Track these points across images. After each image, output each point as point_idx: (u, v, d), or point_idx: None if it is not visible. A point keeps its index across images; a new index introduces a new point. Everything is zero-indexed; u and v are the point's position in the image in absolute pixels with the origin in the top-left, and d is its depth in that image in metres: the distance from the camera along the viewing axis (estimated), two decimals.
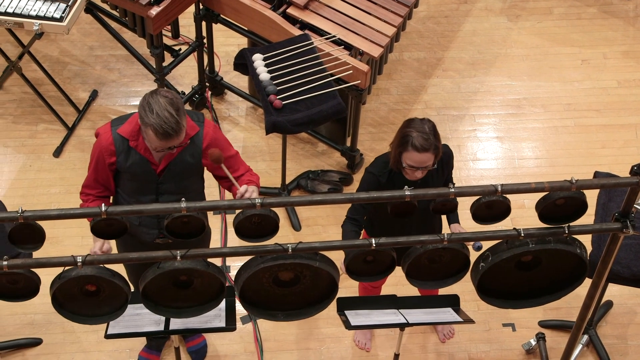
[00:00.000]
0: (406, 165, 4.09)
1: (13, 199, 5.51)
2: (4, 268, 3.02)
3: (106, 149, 3.95)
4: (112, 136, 3.95)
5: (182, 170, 4.03)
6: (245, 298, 3.35)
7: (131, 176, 4.02)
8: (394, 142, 4.17)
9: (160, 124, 3.69)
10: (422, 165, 4.07)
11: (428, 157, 4.05)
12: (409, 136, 4.05)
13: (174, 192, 4.07)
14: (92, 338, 5.07)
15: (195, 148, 4.00)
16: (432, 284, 3.44)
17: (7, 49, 6.00)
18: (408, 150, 4.05)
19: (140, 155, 3.95)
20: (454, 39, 6.63)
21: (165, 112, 3.69)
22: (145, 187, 4.06)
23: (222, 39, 6.29)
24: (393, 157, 4.17)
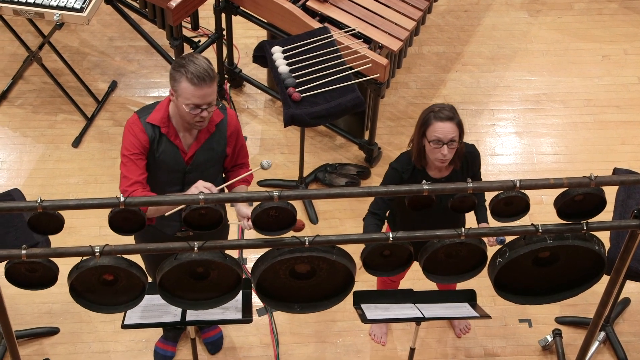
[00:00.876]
0: (432, 141, 4.03)
1: (32, 189, 5.53)
2: (22, 257, 3.04)
3: (143, 138, 3.95)
4: (143, 126, 3.96)
5: (209, 158, 4.05)
6: (262, 290, 3.35)
7: (161, 166, 4.03)
8: (414, 134, 4.15)
9: (197, 69, 3.74)
10: (447, 137, 4.01)
11: (452, 128, 4.01)
12: (430, 112, 4.04)
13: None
14: (108, 328, 5.09)
15: (221, 135, 4.03)
16: (448, 278, 3.43)
17: (28, 39, 6.03)
18: (432, 124, 4.02)
19: (170, 143, 3.97)
20: (474, 33, 6.60)
21: (201, 61, 3.77)
22: (172, 177, 4.07)
23: (241, 31, 6.30)
24: (415, 148, 4.14)
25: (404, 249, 3.27)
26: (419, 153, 4.13)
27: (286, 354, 5.05)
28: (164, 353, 4.99)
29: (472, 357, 5.07)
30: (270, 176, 5.71)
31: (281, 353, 5.05)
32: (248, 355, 5.04)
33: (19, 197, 4.60)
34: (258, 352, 5.06)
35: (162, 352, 4.99)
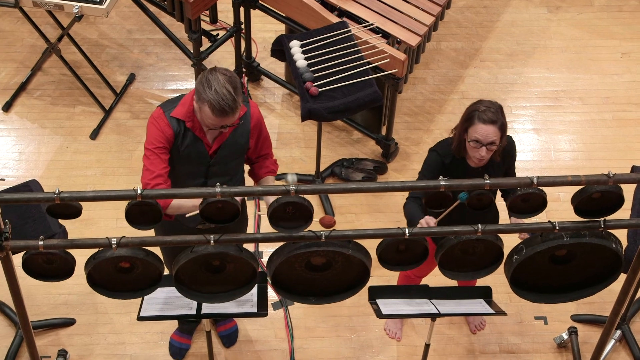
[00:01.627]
0: (471, 140, 4.02)
1: (49, 180, 5.55)
2: (40, 248, 3.05)
3: (168, 132, 3.96)
4: (168, 120, 3.96)
5: (233, 151, 4.06)
6: (278, 283, 3.36)
7: (185, 159, 4.03)
8: (457, 124, 4.13)
9: (218, 100, 3.71)
10: (487, 140, 4.00)
11: (494, 131, 4.00)
12: (475, 111, 4.01)
13: (221, 174, 4.10)
14: (124, 320, 5.11)
15: (245, 128, 4.03)
16: (464, 275, 3.42)
17: (47, 30, 6.05)
18: (474, 124, 4.00)
19: (195, 136, 3.98)
20: (493, 29, 6.58)
21: (224, 89, 3.72)
22: (196, 170, 4.08)
23: (259, 24, 6.29)
24: (456, 139, 4.12)
25: (419, 244, 3.27)
26: (459, 145, 4.12)
27: (301, 348, 5.05)
28: (179, 345, 5.00)
29: (487, 353, 5.06)
30: (287, 170, 5.71)
31: (296, 347, 5.06)
32: (263, 349, 5.05)
33: (37, 188, 4.61)
34: (273, 345, 5.07)
35: (177, 345, 5.00)
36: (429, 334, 4.35)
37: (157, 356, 4.99)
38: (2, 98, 6.00)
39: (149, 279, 3.31)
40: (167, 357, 4.99)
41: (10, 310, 5.06)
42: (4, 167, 5.69)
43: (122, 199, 3.01)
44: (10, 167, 5.71)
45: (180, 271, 3.24)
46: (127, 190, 3.01)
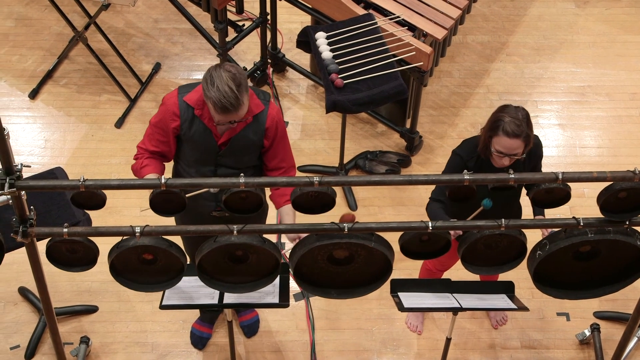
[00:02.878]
0: (494, 151, 4.02)
1: (74, 167, 5.58)
2: (64, 235, 3.07)
3: (170, 112, 3.97)
4: (178, 102, 3.97)
5: (244, 147, 4.04)
6: (299, 275, 3.36)
7: (193, 145, 4.04)
8: (484, 127, 4.11)
9: (220, 98, 3.71)
10: (510, 152, 4.00)
11: (518, 144, 3.98)
12: (501, 121, 3.99)
13: (232, 166, 4.09)
14: (146, 308, 5.14)
15: (259, 126, 4.01)
16: (487, 269, 3.41)
17: (74, 19, 6.07)
18: (498, 135, 3.98)
19: (204, 125, 3.97)
20: (520, 23, 6.55)
21: (226, 87, 3.71)
22: (205, 158, 4.08)
23: (285, 16, 6.29)
24: (482, 141, 4.10)
25: (442, 237, 3.26)
26: (485, 146, 4.09)
27: (322, 340, 5.06)
28: (200, 334, 5.02)
29: (508, 349, 5.05)
30: (310, 162, 5.71)
31: (317, 339, 5.07)
32: (284, 340, 5.06)
33: (62, 176, 4.64)
34: (294, 336, 5.07)
35: (198, 334, 5.02)
36: (451, 328, 4.35)
37: (179, 345, 5.01)
38: (28, 85, 6.04)
39: (171, 271, 3.32)
40: (188, 346, 5.01)
41: (34, 297, 5.10)
42: (29, 155, 5.72)
43: (146, 188, 3.02)
44: (35, 154, 5.74)
45: (204, 261, 3.25)
46: (151, 179, 3.02)
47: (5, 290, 5.16)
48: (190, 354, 5.00)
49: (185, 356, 4.99)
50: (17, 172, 2.97)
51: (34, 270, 3.31)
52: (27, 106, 5.98)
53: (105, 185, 3.02)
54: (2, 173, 2.96)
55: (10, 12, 6.43)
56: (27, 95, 6.00)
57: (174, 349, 5.00)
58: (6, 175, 2.96)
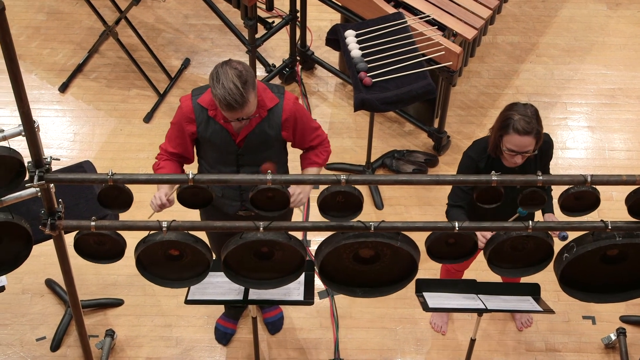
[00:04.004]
0: (506, 149, 4.01)
1: (102, 161, 5.61)
2: (91, 228, 3.09)
3: (186, 117, 3.99)
4: (192, 105, 3.98)
5: (262, 142, 4.03)
6: (325, 273, 3.36)
7: (212, 146, 4.05)
8: (494, 126, 4.10)
9: (224, 96, 3.70)
10: (522, 150, 3.99)
11: (529, 142, 3.98)
12: (510, 119, 3.98)
13: (254, 163, 4.08)
14: (172, 302, 5.16)
15: (275, 119, 4.00)
16: (513, 271, 3.39)
17: (105, 13, 6.10)
18: (509, 134, 3.97)
19: (219, 125, 3.98)
20: (550, 24, 6.51)
21: (231, 84, 3.70)
22: (226, 157, 4.08)
23: (315, 13, 6.29)
24: (492, 141, 4.09)
25: (469, 239, 3.25)
26: (495, 145, 4.09)
27: (346, 338, 5.06)
28: (225, 330, 5.03)
29: (532, 351, 5.02)
30: (337, 160, 5.71)
31: (341, 337, 5.06)
32: (307, 337, 5.06)
33: (90, 169, 4.66)
34: (317, 334, 5.08)
35: (222, 329, 5.04)
36: (475, 329, 4.33)
37: (203, 340, 5.03)
38: (59, 79, 6.08)
39: (198, 267, 3.33)
40: (212, 342, 5.03)
41: (61, 289, 5.13)
42: (58, 148, 5.76)
43: (174, 183, 3.04)
44: (64, 147, 5.78)
45: (229, 256, 3.26)
46: (179, 175, 3.04)
47: (32, 282, 5.20)
48: (214, 349, 5.01)
49: (210, 351, 5.00)
50: (47, 165, 2.99)
51: (61, 262, 3.33)
52: (57, 99, 6.02)
53: (133, 179, 3.04)
54: (32, 165, 2.98)
55: (42, 6, 6.47)
56: (57, 89, 6.04)
57: (198, 344, 5.02)
58: (35, 167, 2.98)
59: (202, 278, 3.36)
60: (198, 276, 3.36)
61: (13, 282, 5.12)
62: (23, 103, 2.80)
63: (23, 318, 5.08)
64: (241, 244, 3.18)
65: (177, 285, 3.39)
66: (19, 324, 5.05)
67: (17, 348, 4.97)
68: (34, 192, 3.77)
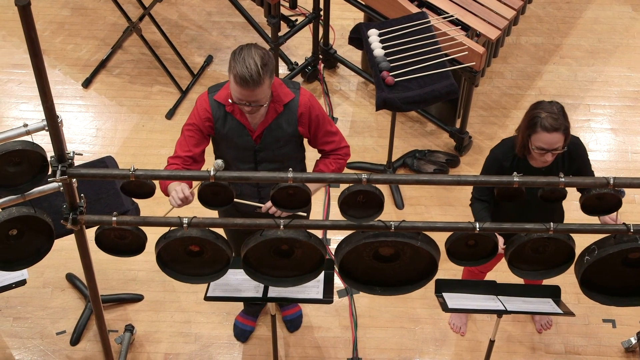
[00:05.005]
0: (535, 148, 3.98)
1: (124, 157, 5.64)
2: (113, 224, 3.10)
3: (203, 115, 3.99)
4: (209, 102, 3.99)
5: (279, 138, 4.03)
6: (344, 271, 3.36)
7: (229, 143, 4.05)
8: (521, 126, 4.07)
9: (242, 70, 3.69)
10: (551, 147, 3.96)
11: (558, 138, 3.95)
12: (537, 117, 3.95)
13: (272, 160, 4.09)
14: (191, 298, 5.17)
15: (291, 115, 3.99)
16: (534, 274, 3.38)
17: (129, 9, 6.13)
18: (537, 132, 3.95)
19: (237, 121, 3.98)
20: (574, 25, 6.48)
21: (251, 60, 3.70)
22: (243, 154, 4.08)
23: (338, 12, 6.29)
24: (520, 141, 4.06)
25: (489, 240, 3.24)
26: (523, 146, 4.07)
27: (364, 337, 5.06)
28: (244, 327, 5.04)
29: (552, 353, 5.00)
30: (358, 159, 5.71)
31: (359, 336, 5.06)
32: (326, 336, 5.07)
33: (112, 165, 4.69)
34: (336, 333, 5.08)
35: (241, 326, 5.05)
36: (494, 330, 4.32)
37: (222, 336, 5.04)
38: (82, 74, 6.10)
39: (217, 264, 3.34)
40: (231, 338, 5.04)
41: (81, 283, 5.15)
42: (81, 143, 5.79)
43: (195, 179, 3.05)
44: (87, 142, 5.81)
45: (249, 254, 3.26)
46: (200, 171, 3.04)
47: (53, 276, 5.22)
48: (232, 346, 5.02)
49: (228, 348, 5.01)
50: (69, 160, 3.00)
51: (82, 257, 3.35)
52: (80, 95, 6.04)
53: (155, 175, 3.05)
54: (55, 160, 3.00)
55: (67, 2, 6.50)
56: (80, 84, 6.07)
57: (216, 340, 5.03)
58: (58, 162, 2.99)
59: (222, 274, 3.37)
60: (218, 272, 3.37)
61: (34, 276, 5.15)
62: (47, 98, 2.82)
63: (43, 312, 5.11)
64: (261, 242, 3.19)
65: (197, 281, 3.40)
66: (40, 318, 5.08)
67: (38, 341, 5.00)
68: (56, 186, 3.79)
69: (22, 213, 3.13)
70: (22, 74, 6.12)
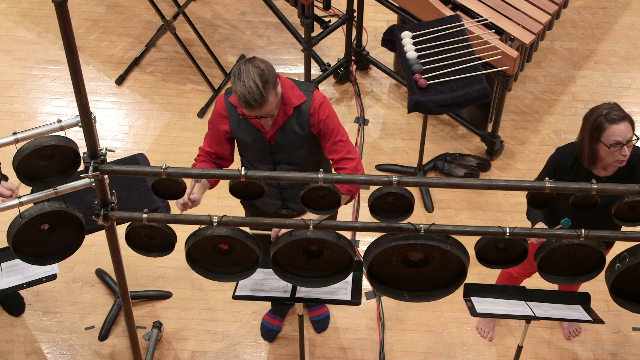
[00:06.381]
0: (611, 145, 3.90)
1: (155, 155, 5.66)
2: (143, 220, 3.12)
3: (219, 116, 4.03)
4: (225, 103, 4.01)
5: (292, 140, 4.02)
6: (373, 274, 3.36)
7: (246, 144, 4.07)
8: (584, 136, 3.99)
9: (244, 93, 3.69)
10: (626, 138, 3.89)
11: (628, 127, 3.90)
12: (600, 116, 3.92)
13: (289, 162, 4.09)
14: (219, 297, 5.18)
15: (303, 117, 3.98)
16: (563, 279, 3.36)
17: (163, 8, 6.16)
18: (606, 128, 3.90)
19: (250, 123, 3.99)
20: (610, 31, 6.43)
21: (252, 83, 3.68)
22: (261, 155, 4.09)
23: (372, 13, 6.29)
24: (587, 151, 3.99)
25: (519, 245, 3.22)
26: (592, 156, 4.00)
27: (391, 340, 5.05)
28: (271, 327, 5.05)
29: None
30: (389, 161, 5.70)
31: (386, 338, 5.05)
32: (353, 337, 5.06)
33: (144, 162, 4.71)
34: (363, 334, 5.07)
35: (268, 326, 5.05)
36: (523, 336, 4.29)
37: (249, 336, 5.05)
38: (116, 72, 6.14)
39: (247, 262, 3.35)
40: (258, 338, 5.05)
41: (110, 279, 5.18)
42: (113, 139, 5.83)
43: (226, 178, 3.05)
44: (119, 139, 5.84)
45: (278, 254, 3.27)
46: (231, 170, 3.05)
47: (83, 272, 5.26)
48: (259, 345, 5.03)
49: (255, 347, 5.02)
50: (102, 157, 3.02)
51: (112, 253, 3.37)
52: (113, 92, 6.08)
53: (186, 173, 3.06)
54: (87, 156, 3.01)
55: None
56: (113, 81, 6.11)
57: (243, 339, 5.04)
58: (91, 158, 3.01)
59: (251, 273, 3.37)
60: (246, 271, 3.37)
61: (64, 271, 5.19)
62: (81, 94, 2.83)
63: (73, 307, 5.14)
64: (291, 242, 3.19)
65: (226, 279, 3.41)
66: (69, 312, 5.12)
67: (66, 336, 5.03)
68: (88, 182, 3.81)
69: (54, 208, 3.16)
70: (56, 70, 6.16)
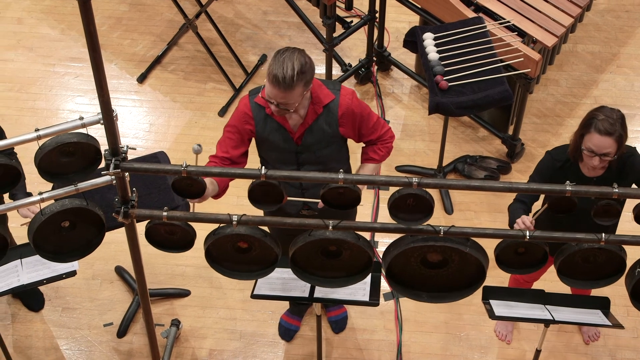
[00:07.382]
0: (585, 149, 3.96)
1: (176, 153, 5.68)
2: (163, 218, 3.12)
3: (244, 117, 4.01)
4: (250, 104, 4.00)
5: (320, 139, 4.02)
6: (391, 275, 3.35)
7: (271, 145, 4.06)
8: (578, 127, 4.06)
9: (278, 69, 3.69)
10: (601, 151, 3.92)
11: (609, 144, 3.91)
12: (594, 118, 3.93)
13: (314, 162, 4.08)
14: (237, 296, 5.19)
15: (332, 116, 3.98)
16: (583, 283, 3.34)
17: (186, 7, 6.17)
18: (590, 132, 3.93)
19: (277, 123, 3.99)
20: (633, 34, 6.39)
21: (290, 64, 3.69)
22: (285, 156, 4.09)
23: (394, 14, 6.28)
24: (573, 142, 4.05)
25: (539, 249, 3.21)
26: (575, 149, 4.05)
27: (409, 342, 5.04)
28: (288, 326, 5.05)
29: None
30: (409, 162, 5.69)
31: (404, 340, 5.05)
32: (370, 338, 5.06)
33: (164, 160, 4.72)
34: (380, 336, 5.07)
35: (286, 325, 5.06)
36: (541, 339, 4.28)
37: (266, 335, 5.06)
38: (137, 70, 6.17)
39: (265, 261, 3.35)
40: (275, 337, 5.06)
41: (130, 277, 5.20)
42: (134, 137, 5.85)
43: (246, 178, 3.05)
44: (140, 137, 5.86)
45: (297, 253, 3.27)
46: (252, 169, 3.05)
47: (102, 268, 5.28)
48: (277, 344, 5.04)
49: (272, 346, 5.03)
50: (123, 154, 3.03)
51: (132, 250, 3.38)
52: (135, 90, 6.11)
53: (206, 172, 3.07)
54: (108, 154, 3.02)
55: None
56: (135, 79, 6.13)
57: (261, 338, 5.05)
58: (112, 156, 3.02)
59: (270, 271, 3.37)
60: (265, 270, 3.37)
61: (84, 268, 5.21)
62: (103, 92, 2.84)
63: (92, 303, 5.16)
64: (309, 242, 3.19)
65: (245, 277, 3.41)
66: (88, 309, 5.14)
67: (85, 332, 5.06)
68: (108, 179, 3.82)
69: (74, 205, 3.17)
70: (79, 67, 6.19)
